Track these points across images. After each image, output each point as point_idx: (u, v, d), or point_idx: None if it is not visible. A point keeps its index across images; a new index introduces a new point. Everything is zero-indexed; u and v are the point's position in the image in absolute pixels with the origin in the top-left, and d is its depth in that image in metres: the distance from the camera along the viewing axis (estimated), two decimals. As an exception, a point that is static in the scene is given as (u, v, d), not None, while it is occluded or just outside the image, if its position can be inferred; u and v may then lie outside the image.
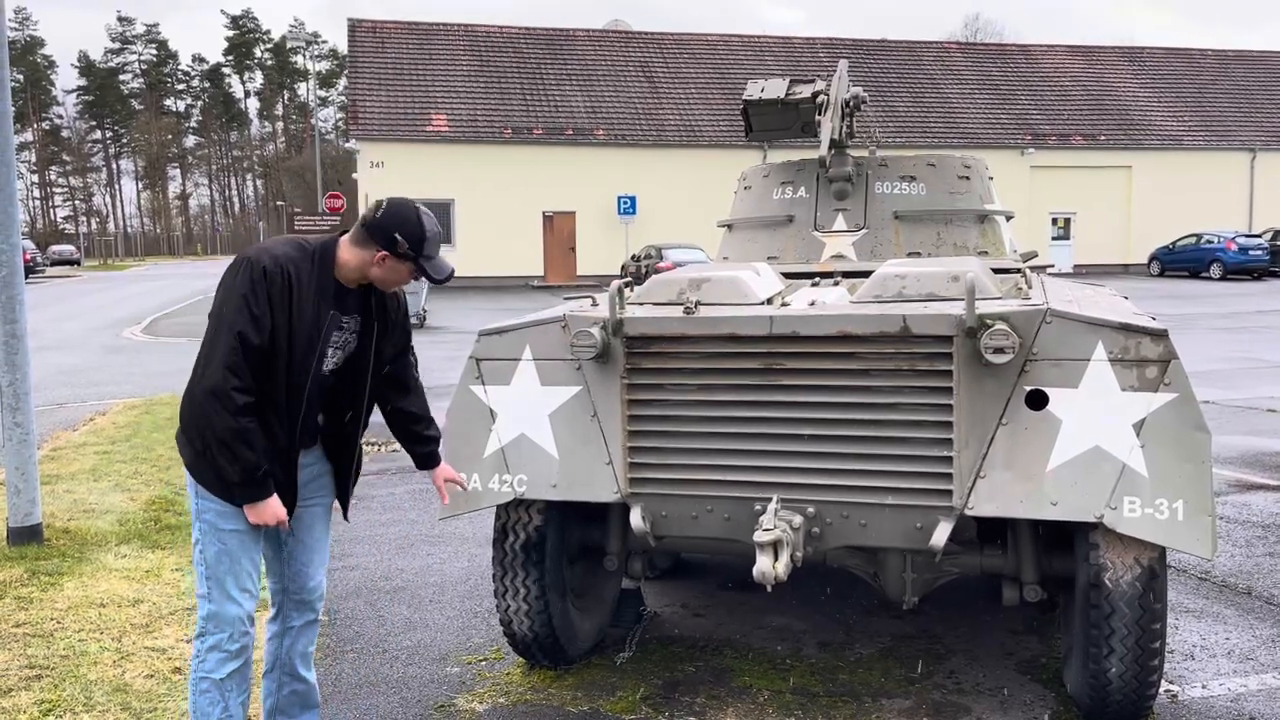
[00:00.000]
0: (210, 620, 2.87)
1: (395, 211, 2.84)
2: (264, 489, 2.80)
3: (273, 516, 2.83)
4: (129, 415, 9.66)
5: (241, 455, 2.73)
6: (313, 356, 2.85)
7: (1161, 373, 3.09)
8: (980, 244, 4.93)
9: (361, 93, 33.53)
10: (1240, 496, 6.59)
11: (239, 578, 2.87)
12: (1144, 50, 42.18)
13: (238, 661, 2.88)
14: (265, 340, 2.75)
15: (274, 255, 2.80)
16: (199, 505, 2.89)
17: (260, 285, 2.75)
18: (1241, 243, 30.92)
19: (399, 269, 2.87)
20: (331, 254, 2.89)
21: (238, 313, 2.73)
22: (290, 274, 2.79)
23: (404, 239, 2.81)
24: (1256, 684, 3.83)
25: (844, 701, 3.72)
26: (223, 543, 2.86)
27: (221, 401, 2.70)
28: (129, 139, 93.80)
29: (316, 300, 2.85)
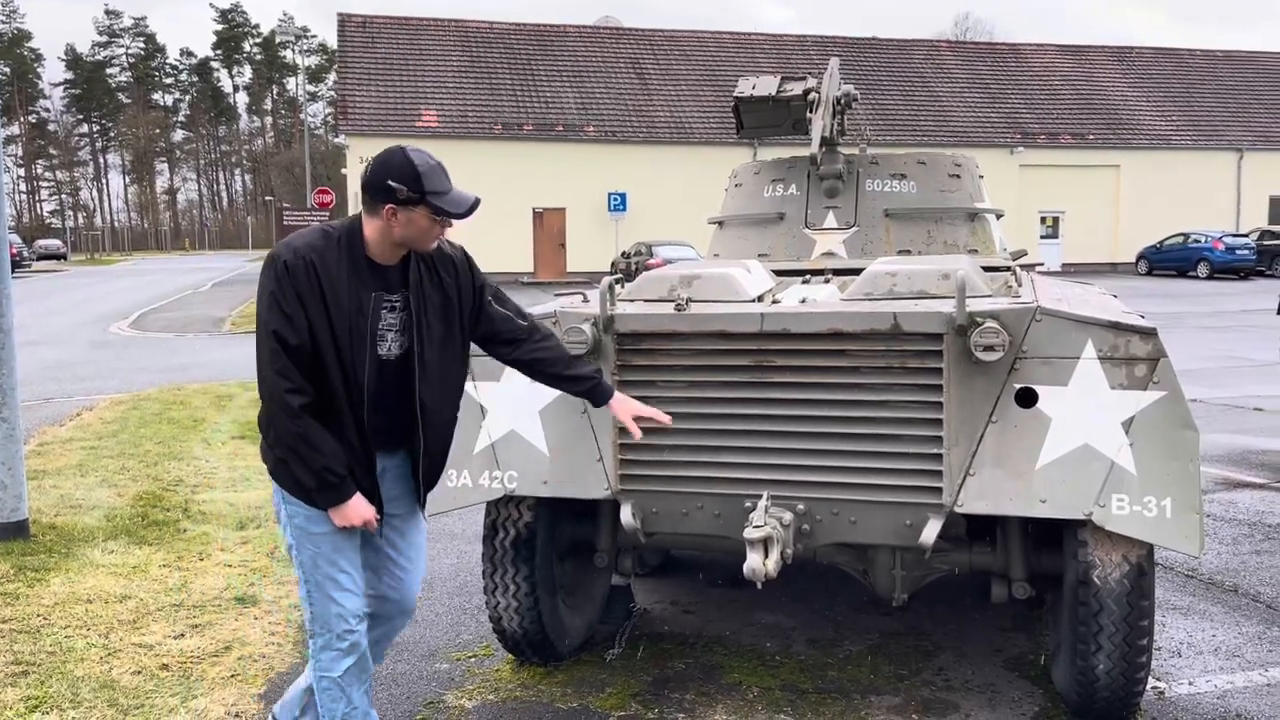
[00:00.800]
0: (315, 622, 2.84)
1: (383, 161, 2.67)
2: (343, 491, 2.70)
3: (358, 517, 2.73)
4: (116, 411, 9.61)
5: (310, 459, 2.64)
6: (364, 345, 2.70)
7: (1150, 371, 3.10)
8: (970, 242, 4.94)
9: (351, 88, 33.42)
10: (1227, 494, 6.63)
11: (336, 578, 2.80)
12: (1133, 50, 42.34)
13: (351, 657, 2.83)
14: (305, 338, 2.63)
15: (293, 247, 2.67)
16: (287, 510, 2.81)
17: (285, 281, 2.63)
18: (1228, 242, 31.09)
19: (414, 218, 2.66)
20: (359, 234, 2.73)
21: (269, 314, 2.63)
22: (313, 263, 2.65)
23: (399, 183, 2.62)
24: (1243, 681, 3.85)
25: (833, 698, 3.72)
26: (315, 546, 2.79)
27: (279, 407, 2.62)
28: (116, 133, 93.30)
29: (352, 285, 2.68)
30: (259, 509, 6.24)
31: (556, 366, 3.06)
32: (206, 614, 4.53)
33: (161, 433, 8.45)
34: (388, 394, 2.77)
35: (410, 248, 2.74)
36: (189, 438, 8.30)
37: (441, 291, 2.83)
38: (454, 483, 3.65)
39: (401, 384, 2.79)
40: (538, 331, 3.06)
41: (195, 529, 5.83)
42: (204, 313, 22.33)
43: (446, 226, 2.73)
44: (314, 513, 2.75)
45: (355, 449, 2.74)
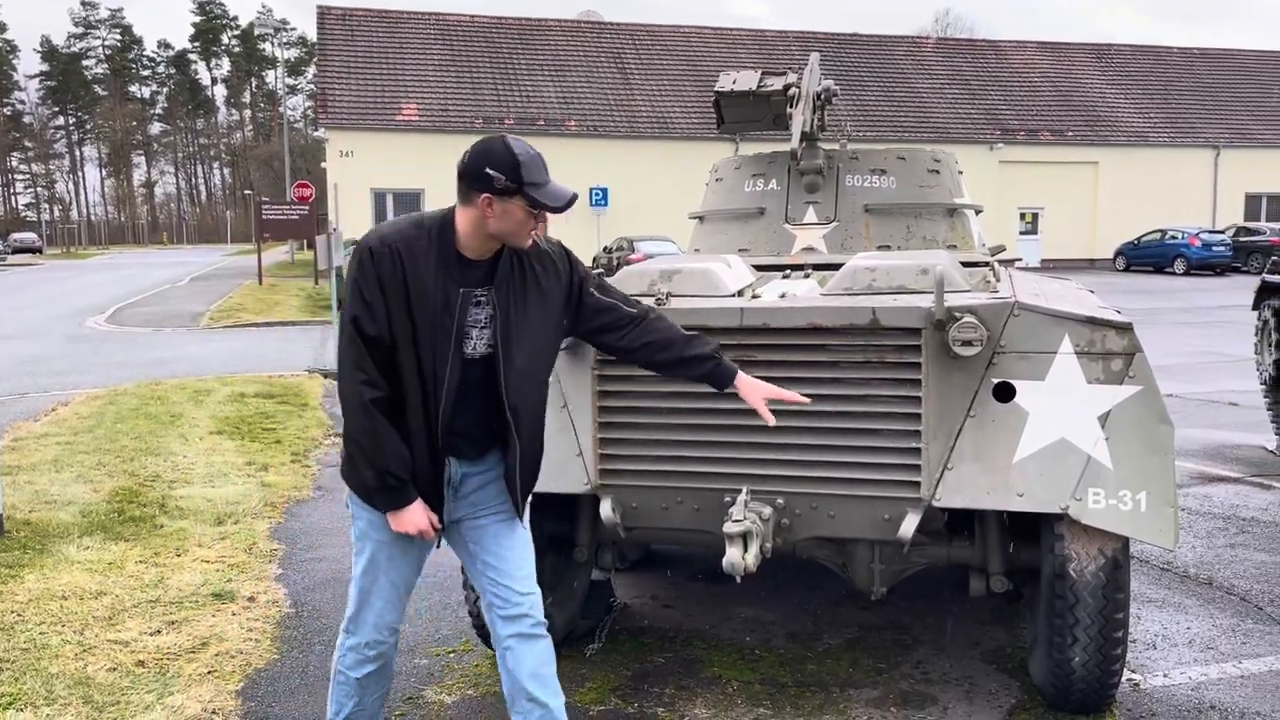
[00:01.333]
0: (353, 621, 2.81)
1: (481, 150, 2.57)
2: (403, 496, 2.61)
3: (413, 526, 2.63)
4: (92, 406, 9.52)
5: (375, 458, 2.56)
6: (448, 342, 2.58)
7: (1126, 366, 3.13)
8: (949, 238, 4.96)
9: (331, 81, 33.20)
10: (1202, 488, 6.69)
11: (382, 589, 2.76)
12: (1111, 48, 42.61)
13: (373, 665, 2.82)
14: (384, 329, 2.54)
15: (380, 235, 2.59)
16: (353, 510, 2.77)
17: (368, 268, 2.54)
18: (1205, 239, 31.37)
19: (510, 210, 2.54)
20: (451, 225, 2.62)
21: (351, 301, 2.55)
22: (399, 252, 2.54)
23: (497, 171, 2.51)
24: (1217, 673, 3.89)
25: (812, 692, 3.74)
26: (372, 553, 2.75)
27: (350, 398, 2.55)
28: (92, 125, 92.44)
29: (441, 277, 2.57)
30: (236, 505, 6.20)
31: (671, 349, 2.89)
32: (183, 610, 4.50)
33: (138, 428, 8.38)
34: (470, 395, 2.65)
35: (504, 242, 2.62)
36: (166, 433, 8.23)
37: (537, 288, 2.70)
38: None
39: (486, 384, 2.66)
40: (646, 316, 2.91)
41: (172, 525, 5.78)
42: (182, 307, 22.16)
43: (542, 222, 2.62)
44: (376, 517, 2.71)
45: (423, 452, 2.63)
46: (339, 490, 6.72)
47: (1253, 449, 7.87)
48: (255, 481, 6.80)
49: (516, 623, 2.78)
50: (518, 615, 2.78)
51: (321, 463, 7.60)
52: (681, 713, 3.58)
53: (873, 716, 3.54)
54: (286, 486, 6.73)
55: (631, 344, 2.89)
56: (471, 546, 2.82)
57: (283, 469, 7.22)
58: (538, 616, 2.79)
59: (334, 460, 7.68)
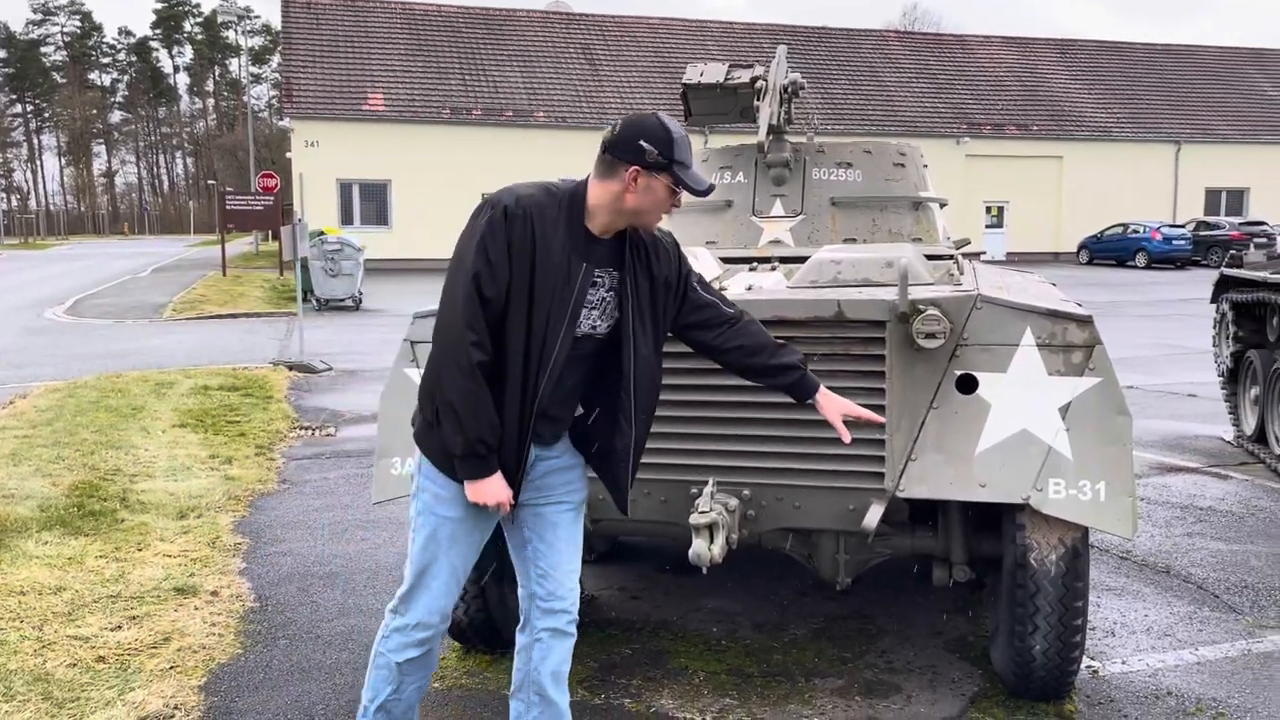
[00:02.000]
0: (404, 601, 2.70)
1: (634, 122, 2.52)
2: (487, 465, 2.52)
3: (493, 497, 2.54)
4: (51, 399, 9.37)
5: (468, 424, 2.45)
6: (563, 316, 2.51)
7: (1086, 358, 3.17)
8: (915, 231, 5.00)
9: (296, 70, 32.83)
10: (1161, 478, 6.80)
11: (440, 569, 2.66)
12: (1075, 43, 43.09)
13: (418, 650, 2.70)
14: (501, 293, 2.45)
15: (517, 195, 2.50)
16: (420, 483, 2.66)
17: (499, 226, 2.45)
18: (1166, 233, 31.83)
19: (653, 187, 2.50)
20: (581, 198, 2.54)
21: (475, 257, 2.44)
22: (533, 215, 2.47)
23: (651, 145, 2.47)
24: (1174, 659, 3.96)
25: (778, 681, 3.76)
26: (434, 528, 2.64)
27: (455, 358, 2.43)
28: (51, 113, 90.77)
29: (567, 250, 2.50)
30: (199, 498, 6.14)
31: (761, 355, 2.82)
32: (145, 605, 4.45)
33: (98, 421, 8.26)
34: (571, 376, 2.60)
35: (635, 221, 2.57)
36: (127, 426, 8.12)
37: (650, 277, 2.66)
38: (399, 470, 3.62)
39: (589, 368, 2.64)
40: (741, 318, 2.86)
41: (133, 519, 5.71)
42: (143, 299, 21.85)
43: (676, 205, 2.58)
44: (445, 494, 2.61)
45: (513, 427, 2.54)
46: (303, 484, 6.70)
47: (1210, 440, 8.01)
48: (219, 475, 6.73)
49: (556, 617, 2.76)
50: (559, 610, 2.76)
51: (286, 456, 7.53)
52: (648, 704, 3.60)
53: (837, 706, 3.57)
54: (251, 480, 6.66)
55: (725, 344, 2.83)
56: (526, 532, 2.75)
57: (247, 462, 7.15)
58: (575, 614, 2.79)
59: (300, 452, 7.62)
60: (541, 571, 2.75)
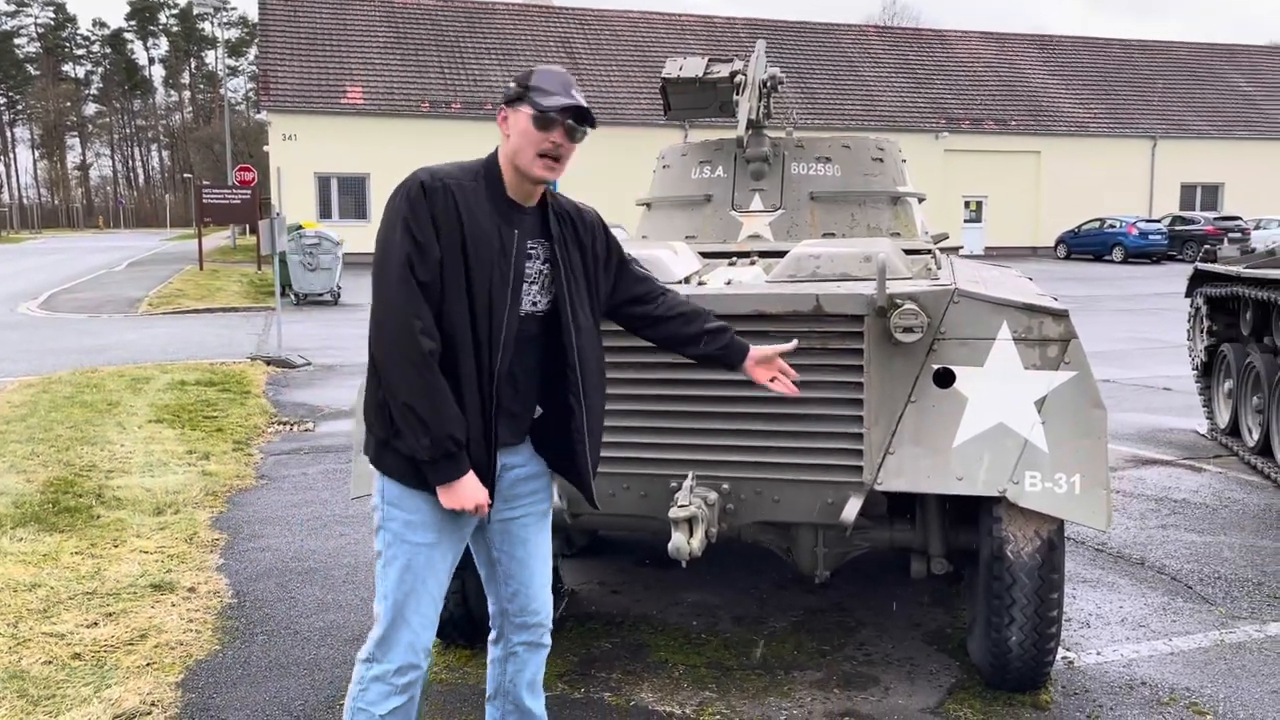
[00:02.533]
0: (380, 646, 2.44)
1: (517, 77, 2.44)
2: (459, 464, 2.32)
3: (470, 499, 2.34)
4: (25, 394, 9.28)
5: (433, 420, 2.25)
6: (505, 292, 2.35)
7: (1062, 352, 3.20)
8: (893, 225, 5.02)
9: (273, 63, 32.57)
10: (1135, 471, 6.87)
11: (421, 602, 2.43)
12: (1053, 38, 43.36)
13: (403, 698, 2.45)
14: (435, 275, 2.28)
15: (431, 171, 2.36)
16: (385, 512, 2.43)
17: (420, 205, 2.29)
18: (1142, 227, 32.11)
19: (517, 121, 2.37)
20: (496, 166, 2.43)
21: (401, 241, 2.28)
22: (452, 189, 2.33)
23: (517, 84, 2.40)
24: (1148, 650, 4.01)
25: (757, 675, 3.78)
26: (408, 558, 2.41)
27: (404, 353, 2.24)
28: (24, 105, 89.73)
29: (495, 220, 2.37)
30: (177, 494, 6.10)
31: (697, 321, 2.72)
32: (121, 602, 4.42)
33: (74, 416, 8.19)
34: (522, 364, 2.43)
35: (521, 170, 2.40)
36: (103, 422, 8.05)
37: (579, 246, 2.54)
38: None
39: (538, 356, 2.47)
40: (668, 291, 2.79)
41: (109, 515, 5.66)
42: (119, 293, 21.65)
43: (553, 141, 2.38)
44: (416, 518, 2.40)
45: (476, 420, 2.36)
46: (282, 479, 6.66)
47: (1185, 433, 8.10)
48: (196, 470, 6.69)
49: (531, 631, 2.68)
50: (535, 624, 2.68)
51: (265, 451, 7.49)
52: (628, 697, 3.60)
53: (816, 698, 3.59)
54: (229, 475, 6.62)
55: (666, 314, 2.71)
56: (494, 551, 2.62)
57: (225, 458, 7.11)
58: (550, 624, 2.72)
59: (279, 447, 7.58)
60: (514, 589, 2.65)
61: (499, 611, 2.69)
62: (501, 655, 2.73)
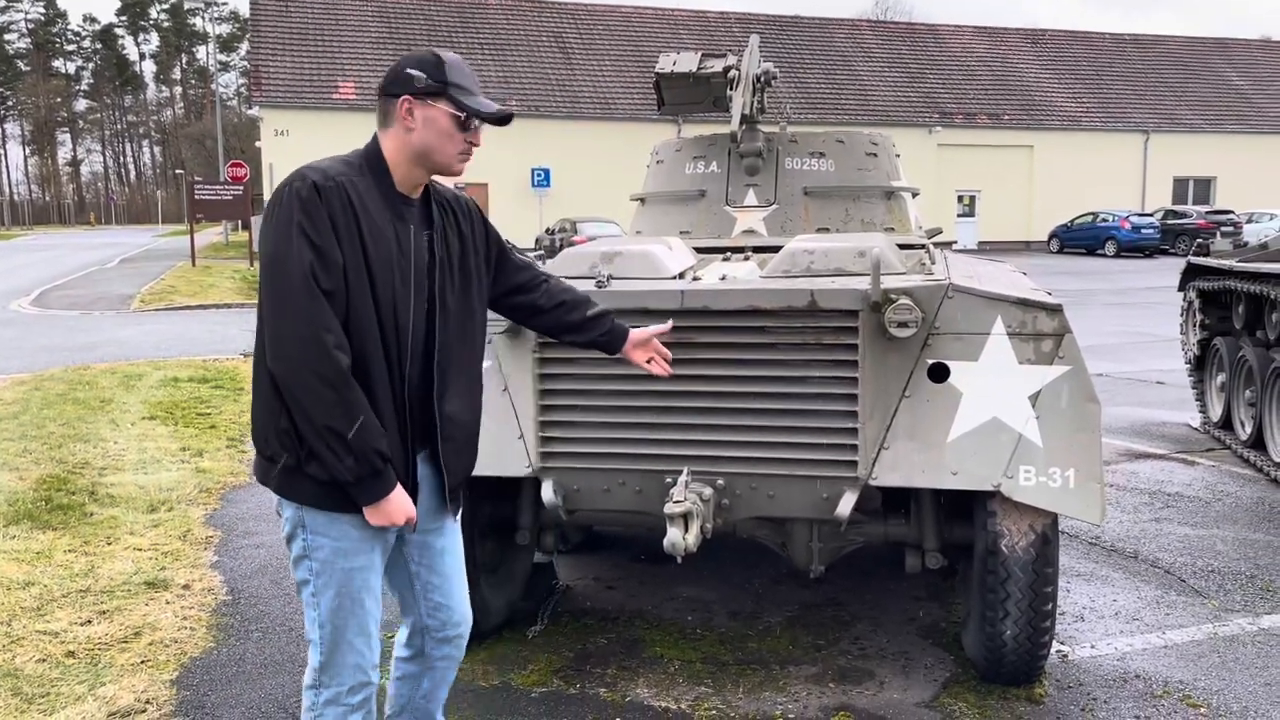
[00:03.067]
0: (324, 672, 2.36)
1: (402, 59, 2.28)
2: (387, 480, 2.20)
3: (400, 513, 2.25)
4: (17, 391, 9.25)
5: (356, 441, 2.13)
6: (408, 293, 2.25)
7: (1056, 346, 3.20)
8: (887, 220, 5.02)
9: (264, 58, 32.47)
10: (1129, 465, 6.89)
11: (362, 623, 2.34)
12: (1045, 32, 43.41)
13: (360, 713, 2.39)
14: (339, 283, 2.14)
15: (321, 169, 2.19)
16: (308, 542, 2.28)
17: (315, 207, 2.12)
18: (1135, 222, 32.19)
19: (433, 117, 2.24)
20: (379, 156, 2.28)
21: (299, 250, 2.10)
22: (345, 186, 2.17)
23: (418, 69, 2.22)
24: (1141, 643, 4.02)
25: (752, 669, 3.78)
26: (341, 585, 2.29)
27: (317, 372, 2.09)
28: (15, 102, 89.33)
29: (389, 217, 2.24)
30: (170, 491, 6.08)
31: (580, 309, 2.70)
32: (115, 599, 4.41)
33: (66, 414, 8.16)
34: (424, 361, 2.32)
35: (430, 165, 2.30)
36: (96, 419, 8.03)
37: (459, 234, 2.44)
38: None
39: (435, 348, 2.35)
40: (550, 278, 2.75)
41: (103, 513, 5.65)
42: (111, 290, 21.58)
43: (470, 142, 2.31)
44: (344, 544, 2.27)
45: (394, 431, 2.26)
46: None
47: (1178, 426, 8.12)
48: (190, 467, 6.67)
49: (454, 644, 2.62)
50: (454, 637, 2.61)
51: (258, 448, 7.47)
52: (623, 693, 3.60)
53: (811, 692, 3.60)
54: (222, 472, 6.61)
55: (549, 302, 2.67)
56: (413, 566, 2.52)
57: (218, 454, 7.09)
58: (467, 636, 2.66)
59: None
60: (436, 603, 2.56)
61: (418, 629, 2.59)
62: (417, 671, 2.65)
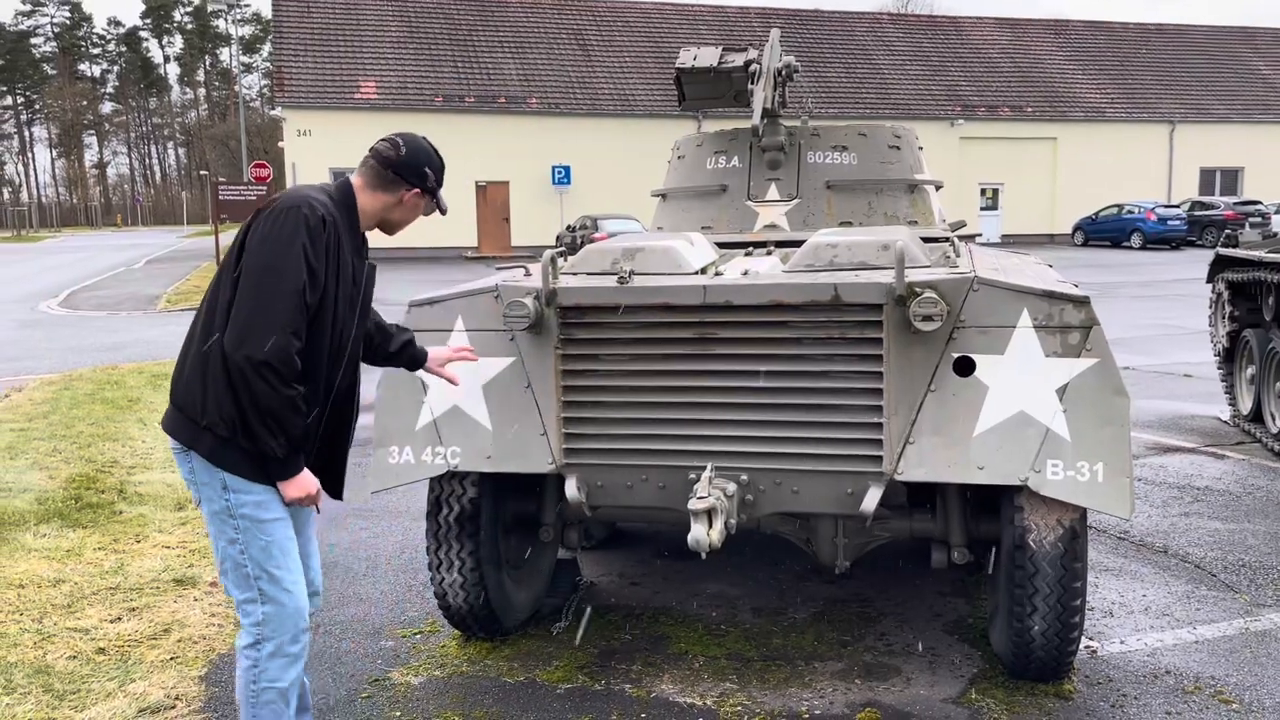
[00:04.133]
0: (267, 624, 2.62)
1: (417, 148, 2.78)
2: (299, 460, 2.63)
3: (305, 489, 2.63)
4: (47, 391, 9.36)
5: (290, 426, 2.53)
6: (353, 319, 2.73)
7: (1083, 339, 3.16)
8: (910, 213, 4.99)
9: (287, 59, 32.66)
10: (1157, 459, 6.81)
11: (292, 568, 2.64)
12: (1068, 23, 42.98)
13: (301, 662, 2.67)
14: (316, 299, 2.56)
15: (324, 204, 2.61)
16: (232, 500, 2.59)
17: (318, 235, 2.55)
18: (1161, 213, 31.82)
19: (420, 205, 2.82)
20: (354, 200, 2.74)
21: (298, 266, 2.50)
22: (336, 223, 2.62)
23: (434, 173, 2.79)
24: (1172, 639, 3.98)
25: (778, 665, 3.77)
26: (268, 535, 2.62)
27: (278, 368, 2.46)
28: (42, 105, 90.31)
29: (351, 252, 2.70)
30: (198, 489, 6.13)
31: (397, 337, 3.14)
32: (144, 597, 4.45)
33: (95, 413, 8.25)
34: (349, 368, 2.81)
35: (386, 228, 2.83)
36: (124, 418, 8.11)
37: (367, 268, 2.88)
38: (396, 460, 3.62)
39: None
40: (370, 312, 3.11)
41: (131, 511, 5.71)
42: (138, 290, 21.79)
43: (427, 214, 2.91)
44: (266, 497, 2.62)
45: (315, 426, 2.70)
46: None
47: (1207, 419, 8.03)
48: (216, 466, 6.71)
49: (315, 600, 2.90)
50: (311, 594, 2.86)
51: (284, 446, 7.52)
52: (648, 689, 3.60)
53: (837, 689, 3.58)
54: (248, 470, 6.65)
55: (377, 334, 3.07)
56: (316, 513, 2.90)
57: (244, 453, 7.14)
58: (320, 592, 2.99)
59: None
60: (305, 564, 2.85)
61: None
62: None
